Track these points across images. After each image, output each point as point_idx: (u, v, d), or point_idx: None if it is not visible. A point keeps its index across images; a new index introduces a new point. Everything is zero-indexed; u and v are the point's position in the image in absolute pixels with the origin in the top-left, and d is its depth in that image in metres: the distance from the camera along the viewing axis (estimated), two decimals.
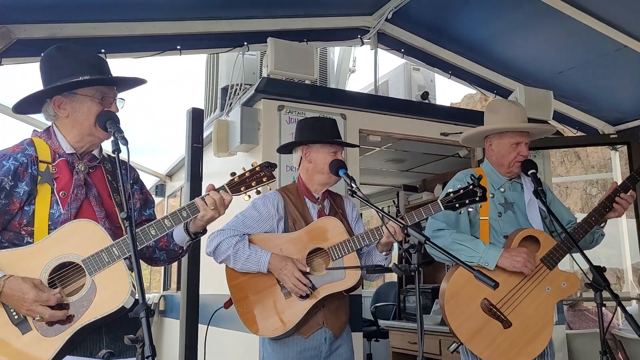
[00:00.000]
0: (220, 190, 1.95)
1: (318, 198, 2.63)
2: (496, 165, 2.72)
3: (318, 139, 2.61)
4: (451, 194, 2.35)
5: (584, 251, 2.37)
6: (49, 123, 2.00)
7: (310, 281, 2.37)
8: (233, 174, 1.99)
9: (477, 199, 2.34)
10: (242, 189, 1.97)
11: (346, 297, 2.59)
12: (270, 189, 2.05)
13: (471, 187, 2.34)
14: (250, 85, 3.98)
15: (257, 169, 2.00)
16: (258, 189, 1.99)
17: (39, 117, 2.12)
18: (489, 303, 2.46)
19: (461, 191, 2.34)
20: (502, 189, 2.68)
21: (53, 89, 1.90)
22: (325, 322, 2.48)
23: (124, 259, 1.80)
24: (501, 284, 2.45)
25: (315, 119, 2.84)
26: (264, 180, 1.99)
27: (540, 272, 2.51)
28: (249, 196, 1.99)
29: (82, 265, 1.78)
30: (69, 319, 1.75)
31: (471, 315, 2.45)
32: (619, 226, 5.88)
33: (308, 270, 2.40)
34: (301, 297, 2.39)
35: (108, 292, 1.77)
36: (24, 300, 1.70)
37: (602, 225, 2.63)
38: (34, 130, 2.02)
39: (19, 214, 1.83)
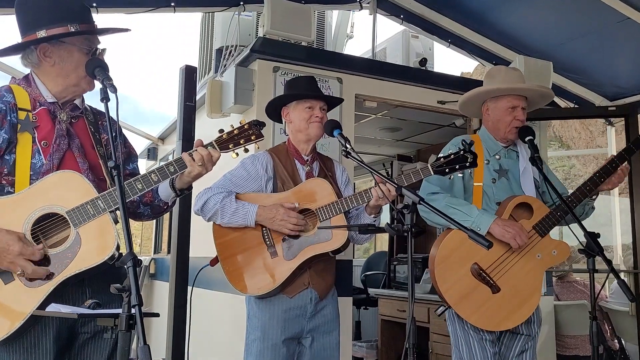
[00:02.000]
0: (209, 147, 1.91)
1: (307, 160, 2.60)
2: (492, 131, 2.69)
3: (292, 96, 2.58)
4: (441, 159, 2.32)
5: (570, 224, 2.35)
6: (27, 71, 1.93)
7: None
8: (221, 130, 1.96)
9: (467, 164, 2.30)
10: (230, 146, 1.94)
11: (333, 259, 2.58)
12: (258, 148, 2.02)
13: (462, 152, 2.30)
14: (245, 46, 3.90)
15: (245, 126, 1.96)
16: (246, 147, 1.96)
17: (18, 65, 2.04)
18: (479, 268, 2.47)
19: (452, 156, 2.31)
20: (497, 156, 2.66)
21: (44, 38, 1.82)
22: (311, 282, 2.47)
23: (110, 212, 1.76)
24: (492, 249, 2.44)
25: (294, 78, 2.78)
26: (252, 138, 1.96)
27: (531, 239, 2.50)
28: (237, 154, 1.96)
29: (67, 217, 1.74)
30: (49, 277, 1.71)
31: (460, 278, 2.46)
32: (611, 204, 5.90)
33: (297, 205, 2.39)
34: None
35: (93, 244, 1.74)
36: (7, 252, 1.66)
37: (593, 197, 2.60)
38: (12, 77, 1.95)
39: None
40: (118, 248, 1.75)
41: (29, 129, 1.82)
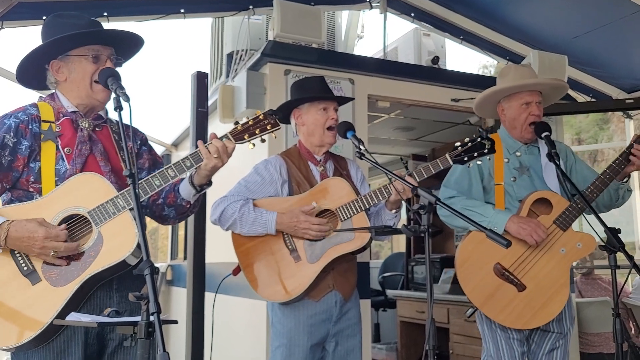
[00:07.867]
0: (223, 139, 1.92)
1: (320, 160, 2.58)
2: (510, 130, 2.67)
3: (304, 98, 2.55)
4: (459, 147, 2.29)
5: (608, 211, 2.30)
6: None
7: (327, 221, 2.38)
8: (236, 122, 1.96)
9: (485, 151, 2.28)
10: (245, 137, 1.94)
11: (354, 260, 2.56)
12: (275, 137, 2.01)
13: (479, 139, 2.27)
14: (256, 50, 3.90)
15: (260, 117, 1.96)
16: (263, 137, 1.96)
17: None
18: (502, 267, 2.44)
19: (469, 144, 2.28)
20: (517, 153, 2.64)
21: (44, 48, 1.89)
22: (335, 285, 2.45)
23: (130, 210, 1.78)
24: (513, 247, 2.42)
25: (302, 79, 2.73)
26: (268, 128, 1.95)
27: (553, 233, 2.47)
28: (253, 144, 1.95)
29: (88, 217, 1.78)
30: (80, 255, 1.75)
31: (483, 279, 2.44)
32: (632, 198, 5.80)
33: (315, 205, 2.37)
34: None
35: (114, 242, 1.77)
36: (34, 239, 1.70)
37: (625, 180, 2.53)
38: (40, 96, 2.03)
39: (25, 171, 1.84)
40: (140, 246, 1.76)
41: (52, 138, 1.87)
